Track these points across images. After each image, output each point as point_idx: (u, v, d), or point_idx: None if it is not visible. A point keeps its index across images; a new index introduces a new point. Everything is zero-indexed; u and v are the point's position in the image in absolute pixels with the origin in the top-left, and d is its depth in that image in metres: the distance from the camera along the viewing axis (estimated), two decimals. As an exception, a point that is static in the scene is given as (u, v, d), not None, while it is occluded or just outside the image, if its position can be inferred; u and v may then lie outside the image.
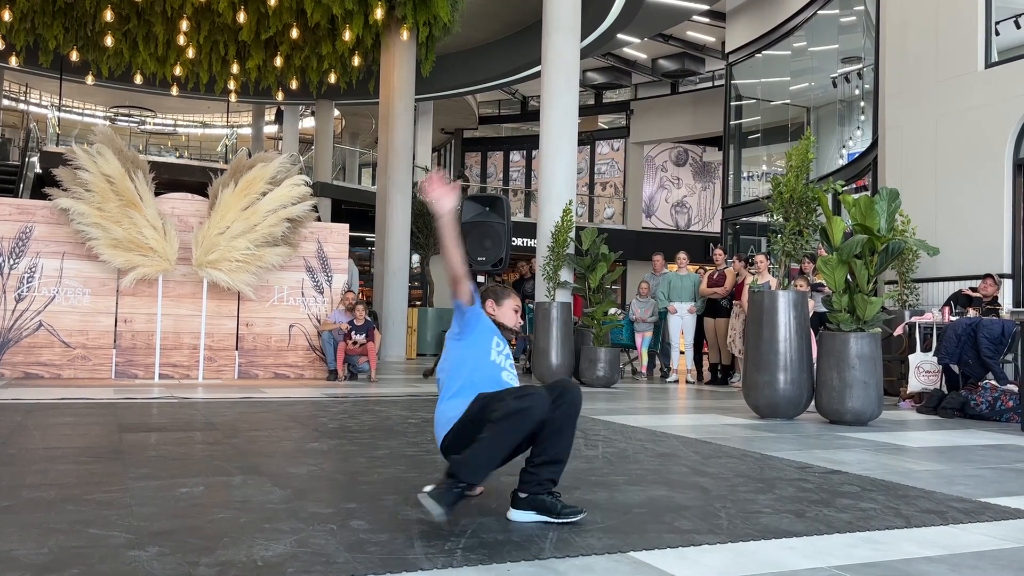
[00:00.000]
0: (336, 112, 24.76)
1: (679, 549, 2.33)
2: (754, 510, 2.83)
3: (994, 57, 9.42)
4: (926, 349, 7.35)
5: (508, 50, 18.46)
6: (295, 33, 14.53)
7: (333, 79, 16.48)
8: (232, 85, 17.60)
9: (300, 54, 15.71)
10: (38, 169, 17.29)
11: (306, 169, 18.80)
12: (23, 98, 27.39)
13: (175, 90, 18.18)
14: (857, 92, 15.85)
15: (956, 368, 6.99)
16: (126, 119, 29.55)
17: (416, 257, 16.95)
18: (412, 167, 15.01)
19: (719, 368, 9.87)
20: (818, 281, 8.48)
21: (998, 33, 9.65)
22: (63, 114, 25.66)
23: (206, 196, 8.59)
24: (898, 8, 10.55)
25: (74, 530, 2.34)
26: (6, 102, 24.97)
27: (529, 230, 17.14)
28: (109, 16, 13.76)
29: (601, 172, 27.14)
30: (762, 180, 19.62)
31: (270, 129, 29.10)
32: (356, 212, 19.88)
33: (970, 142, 9.35)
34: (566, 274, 9.49)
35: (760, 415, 6.07)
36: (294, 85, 16.99)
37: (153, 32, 14.84)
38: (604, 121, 27.72)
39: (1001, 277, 8.26)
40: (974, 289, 8.12)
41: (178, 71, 16.29)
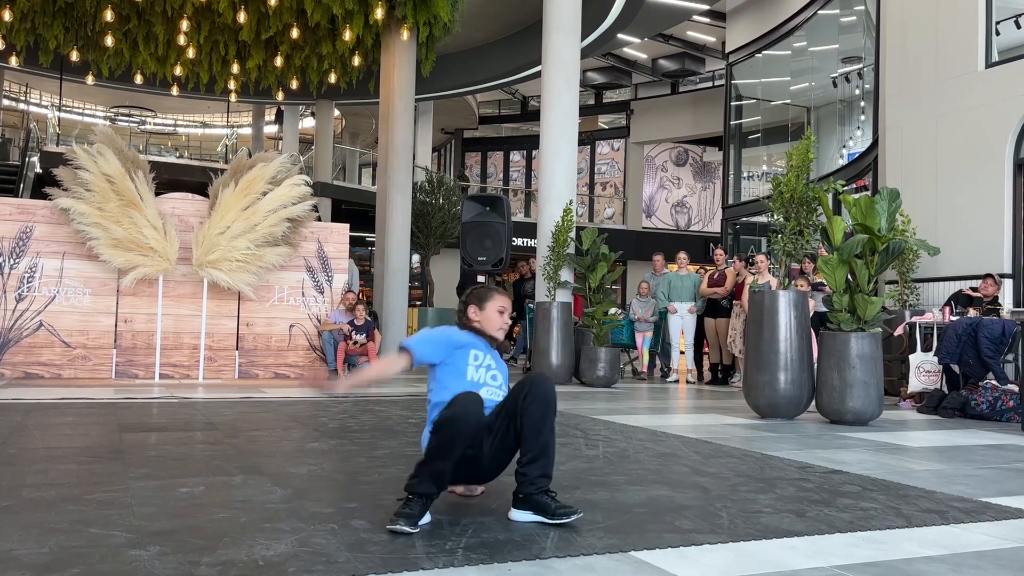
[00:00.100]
0: (336, 112, 24.76)
1: (680, 549, 2.33)
2: (755, 510, 2.83)
3: (994, 57, 9.42)
4: (926, 349, 7.35)
5: (508, 50, 18.45)
6: (295, 33, 14.52)
7: (333, 79, 16.47)
8: (232, 85, 17.60)
9: (300, 54, 15.71)
10: (38, 169, 17.28)
11: (306, 169, 18.77)
12: (23, 98, 27.40)
13: (175, 90, 18.17)
14: (857, 92, 15.85)
15: (956, 368, 6.99)
16: (126, 119, 29.55)
17: (416, 257, 16.95)
18: (412, 167, 15.01)
19: (719, 368, 9.87)
20: (818, 280, 8.48)
21: (998, 33, 9.65)
22: (63, 114, 25.66)
23: (206, 196, 8.60)
24: (898, 8, 10.55)
25: (74, 530, 2.34)
26: (6, 102, 24.97)
27: (529, 230, 17.15)
28: (109, 16, 13.76)
29: (601, 172, 27.14)
30: (762, 180, 19.62)
31: (270, 129, 29.11)
32: (356, 212, 19.89)
33: (970, 142, 9.35)
34: (566, 274, 9.49)
35: (760, 415, 6.07)
36: (294, 85, 16.98)
37: (153, 32, 14.84)
38: (604, 121, 27.72)
39: (1001, 277, 8.26)
40: (974, 289, 8.12)
41: (178, 71, 16.29)
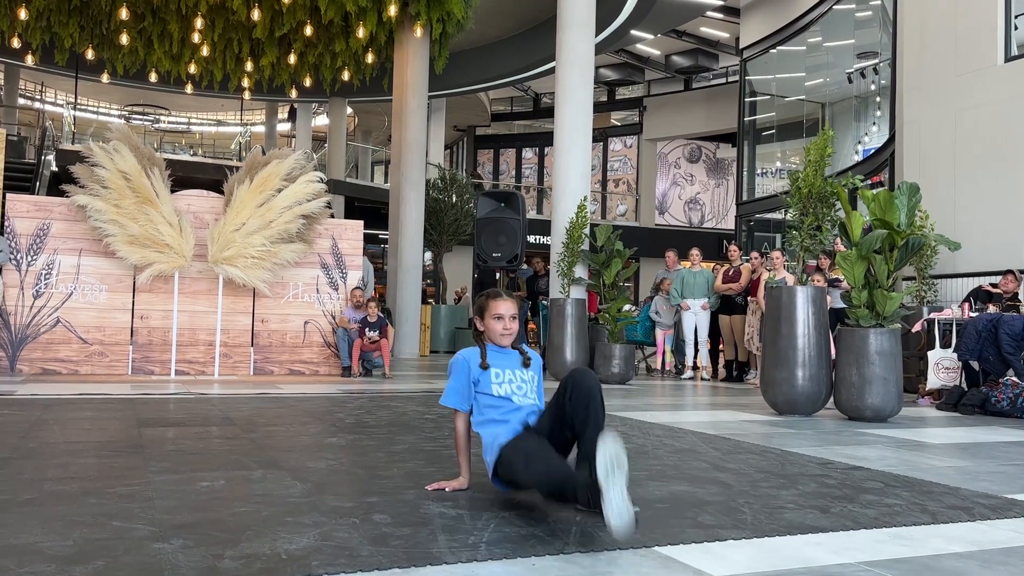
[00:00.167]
0: (349, 110, 24.81)
1: (704, 544, 2.30)
2: (777, 506, 2.80)
3: (1014, 51, 9.32)
4: (945, 345, 7.27)
5: (521, 47, 18.43)
6: (309, 30, 14.56)
7: (346, 76, 16.50)
8: (246, 83, 17.66)
9: (314, 51, 15.75)
10: (54, 167, 17.40)
11: (319, 167, 18.86)
12: (39, 97, 27.60)
13: (189, 88, 18.26)
14: (873, 87, 15.73)
15: (976, 365, 6.92)
16: (140, 117, 29.72)
17: (429, 254, 16.95)
18: (425, 164, 15.02)
19: (734, 365, 9.82)
20: (834, 276, 8.41)
21: (1017, 28, 9.54)
22: (78, 113, 25.84)
23: (221, 193, 8.62)
24: (915, 2, 10.45)
25: (97, 523, 2.34)
26: (22, 101, 25.15)
27: (541, 227, 17.13)
28: (124, 14, 13.84)
29: (614, 169, 27.08)
30: (776, 176, 19.51)
31: (283, 127, 29.21)
32: (369, 209, 19.94)
33: (989, 137, 9.26)
34: (580, 270, 9.46)
35: (778, 411, 6.03)
36: (308, 82, 17.02)
37: (168, 30, 14.91)
38: (617, 118, 27.65)
39: (1022, 273, 8.18)
40: (994, 285, 8.04)
41: (192, 69, 16.36)
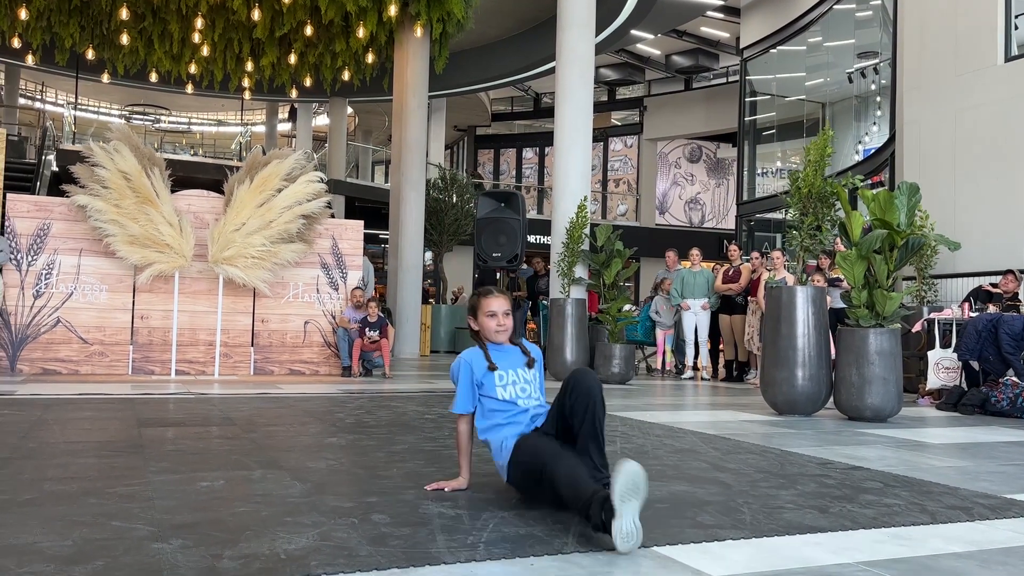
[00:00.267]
0: (349, 109, 24.81)
1: (703, 544, 2.31)
2: (777, 506, 2.81)
3: (1014, 51, 9.32)
4: (945, 345, 7.27)
5: (521, 47, 18.43)
6: (309, 30, 14.56)
7: (347, 76, 16.51)
8: (246, 83, 17.67)
9: (314, 51, 15.75)
10: (54, 167, 17.41)
11: (320, 166, 18.89)
12: (39, 97, 27.61)
13: (190, 88, 18.27)
14: (873, 87, 15.74)
15: (976, 364, 6.92)
16: (141, 117, 29.74)
17: (429, 254, 16.96)
18: (425, 164, 15.02)
19: (735, 365, 9.82)
20: (834, 276, 8.41)
21: (1017, 28, 9.54)
22: (79, 112, 25.84)
23: (221, 193, 8.62)
24: (916, 2, 10.45)
25: (97, 523, 2.35)
26: (22, 101, 25.16)
27: (541, 227, 17.13)
28: (124, 14, 13.84)
29: (614, 169, 27.08)
30: (776, 176, 19.52)
31: (284, 127, 29.22)
32: (369, 209, 19.96)
33: (990, 136, 9.25)
34: (580, 270, 9.46)
35: (778, 411, 6.03)
36: (308, 82, 17.03)
37: (168, 30, 14.92)
38: (617, 118, 27.65)
39: (1022, 273, 8.18)
40: (994, 285, 8.04)
41: (193, 69, 16.37)
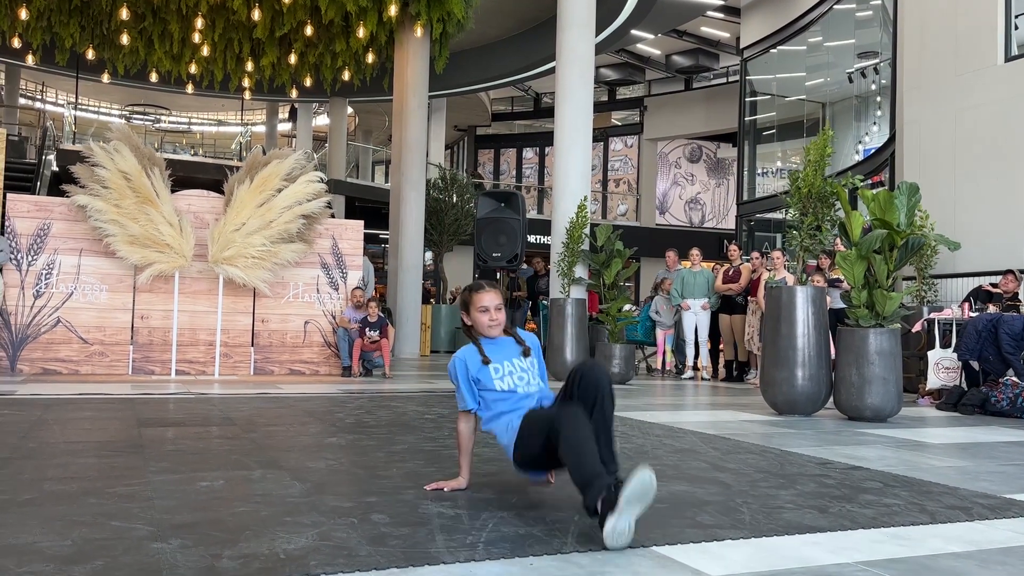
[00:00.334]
0: (349, 109, 24.82)
1: (702, 544, 2.31)
2: (776, 505, 2.81)
3: (1014, 51, 9.32)
4: (945, 345, 7.27)
5: (521, 47, 18.44)
6: (309, 30, 14.56)
7: (347, 76, 16.51)
8: (246, 83, 17.67)
9: (314, 51, 15.75)
10: (55, 167, 17.41)
11: (320, 166, 18.90)
12: (39, 97, 27.62)
13: (190, 88, 18.27)
14: (873, 87, 15.74)
15: (976, 364, 6.92)
16: (141, 117, 29.75)
17: (429, 254, 16.96)
18: (426, 164, 15.02)
19: (735, 365, 9.82)
20: (834, 276, 8.41)
21: (1017, 28, 9.54)
22: (79, 112, 25.85)
23: (221, 193, 8.63)
24: (916, 2, 10.45)
25: (97, 523, 2.35)
26: (23, 101, 25.17)
27: (541, 227, 17.13)
28: (125, 14, 13.85)
29: (614, 168, 27.08)
30: (776, 176, 19.52)
31: (284, 127, 29.23)
32: (370, 209, 19.97)
33: (990, 136, 9.25)
34: (580, 270, 9.47)
35: (778, 411, 6.03)
36: (308, 82, 17.03)
37: (168, 30, 14.92)
38: (617, 117, 27.65)
39: (1022, 273, 8.18)
40: (994, 285, 8.04)
41: (193, 69, 16.37)
